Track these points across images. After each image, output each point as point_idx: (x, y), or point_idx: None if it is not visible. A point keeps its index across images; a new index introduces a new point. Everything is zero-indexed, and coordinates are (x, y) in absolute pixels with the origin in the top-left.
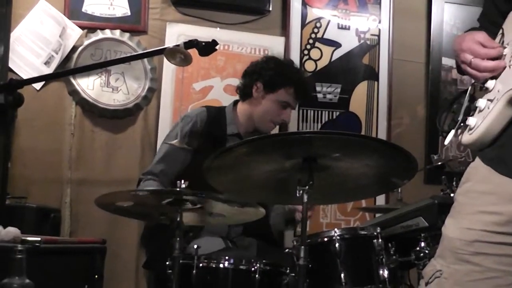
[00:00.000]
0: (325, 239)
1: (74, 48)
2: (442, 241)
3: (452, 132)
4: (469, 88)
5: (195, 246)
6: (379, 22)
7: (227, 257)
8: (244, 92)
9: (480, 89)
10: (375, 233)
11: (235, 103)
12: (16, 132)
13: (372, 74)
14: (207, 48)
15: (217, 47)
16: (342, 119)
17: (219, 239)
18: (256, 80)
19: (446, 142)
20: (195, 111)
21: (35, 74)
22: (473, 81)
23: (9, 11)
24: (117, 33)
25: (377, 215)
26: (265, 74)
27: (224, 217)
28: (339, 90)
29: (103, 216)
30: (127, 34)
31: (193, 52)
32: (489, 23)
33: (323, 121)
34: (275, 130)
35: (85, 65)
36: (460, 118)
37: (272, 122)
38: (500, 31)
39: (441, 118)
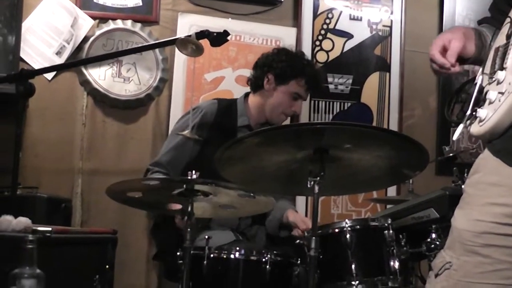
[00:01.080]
0: (336, 230)
1: (85, 38)
2: (451, 232)
3: (461, 126)
4: (478, 78)
5: (206, 237)
6: (391, 13)
7: (237, 248)
8: (256, 84)
9: (489, 79)
10: (386, 224)
11: (246, 95)
12: (27, 122)
13: (384, 65)
14: (219, 38)
15: (228, 37)
16: (354, 110)
17: (229, 232)
18: (267, 72)
19: (455, 137)
20: (206, 103)
21: (47, 64)
22: (481, 71)
23: (20, 1)
24: (128, 24)
25: (388, 206)
26: (276, 66)
27: (235, 209)
28: (350, 81)
29: (114, 206)
30: (138, 25)
31: (205, 42)
32: (498, 12)
33: (335, 112)
34: (286, 121)
35: (96, 55)
36: (469, 110)
37: (283, 114)
38: (508, 20)
39: (449, 107)
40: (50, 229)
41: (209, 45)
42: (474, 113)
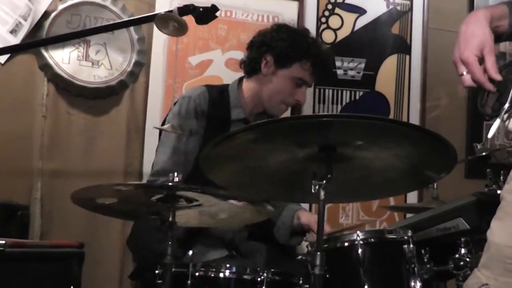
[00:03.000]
0: (346, 244)
1: (46, 14)
2: (487, 248)
3: (498, 120)
4: None
5: (190, 252)
6: None
7: (228, 265)
8: (251, 67)
9: None
10: (405, 237)
11: (240, 80)
12: None
13: (403, 47)
14: (206, 14)
15: (217, 13)
16: (367, 100)
17: (220, 246)
18: (265, 52)
19: (490, 133)
20: (195, 91)
21: (0, 45)
22: None
23: None
24: None
25: (408, 215)
26: (277, 46)
27: (226, 217)
28: (363, 65)
29: (81, 215)
30: None
31: (189, 19)
32: None
33: (344, 103)
34: (287, 113)
35: (59, 35)
36: (508, 101)
37: (284, 103)
38: None
39: (483, 97)
40: (3, 242)
41: (194, 22)
42: None
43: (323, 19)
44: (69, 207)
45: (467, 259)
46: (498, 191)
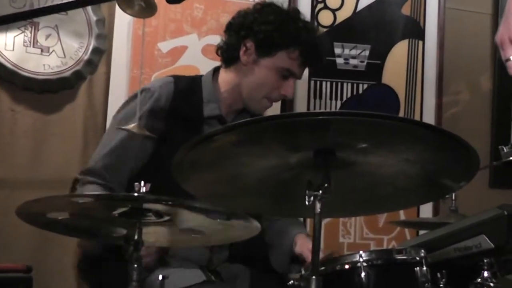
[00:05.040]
0: (347, 267)
1: None
2: None
3: None
4: None
5: (160, 277)
6: None
7: None
8: (228, 55)
9: None
10: (418, 258)
11: (216, 70)
12: None
13: (415, 30)
14: None
15: None
16: (372, 94)
17: (196, 270)
18: (245, 37)
19: None
20: (158, 82)
21: None
22: None
23: None
24: None
25: (421, 232)
26: (259, 30)
27: (203, 235)
28: (367, 53)
29: (29, 233)
30: None
31: None
32: None
33: (345, 98)
34: (275, 110)
35: (0, 16)
36: None
37: (267, 98)
38: None
39: None
40: None
41: (165, 1)
42: None
43: None
44: (14, 224)
45: (491, 284)
46: None
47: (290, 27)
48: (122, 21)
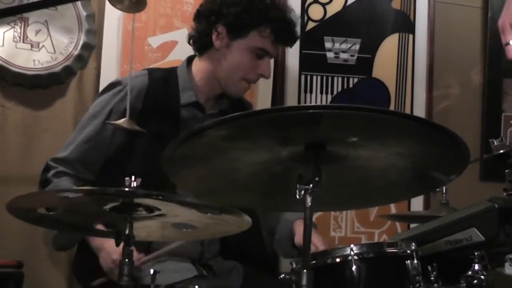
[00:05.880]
0: (338, 260)
1: None
2: None
3: None
4: None
5: (151, 271)
6: None
7: (197, 286)
8: (201, 43)
9: None
10: (409, 251)
11: (190, 60)
12: None
13: (405, 24)
14: None
15: None
16: (362, 88)
17: (188, 264)
18: (215, 22)
19: None
20: (133, 75)
21: None
22: None
23: None
24: None
25: (412, 225)
26: (228, 13)
27: (195, 230)
28: (358, 47)
29: (19, 228)
30: None
31: None
32: None
33: (335, 92)
34: (266, 104)
35: None
36: None
37: (244, 80)
38: None
39: None
40: None
41: None
42: None
43: None
44: (5, 219)
45: (482, 277)
46: None
47: (258, 6)
48: (112, 16)
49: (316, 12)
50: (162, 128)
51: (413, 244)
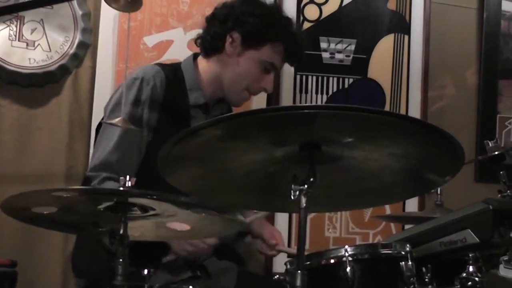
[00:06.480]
0: (332, 261)
1: None
2: None
3: None
4: None
5: (146, 271)
6: None
7: (191, 287)
8: (212, 46)
9: None
10: (403, 253)
11: (194, 58)
12: None
13: (401, 25)
14: None
15: None
16: (358, 88)
17: (183, 265)
18: (232, 29)
19: None
20: (148, 71)
21: None
22: None
23: None
24: None
25: (407, 226)
26: (246, 22)
27: (189, 230)
28: (353, 47)
29: (14, 228)
30: None
31: None
32: None
33: (330, 92)
34: (261, 104)
35: None
36: None
37: (247, 90)
38: None
39: None
40: None
41: None
42: None
43: None
44: None
45: (476, 279)
46: None
47: (276, 22)
48: (108, 15)
49: (311, 12)
50: (173, 128)
51: (408, 245)
